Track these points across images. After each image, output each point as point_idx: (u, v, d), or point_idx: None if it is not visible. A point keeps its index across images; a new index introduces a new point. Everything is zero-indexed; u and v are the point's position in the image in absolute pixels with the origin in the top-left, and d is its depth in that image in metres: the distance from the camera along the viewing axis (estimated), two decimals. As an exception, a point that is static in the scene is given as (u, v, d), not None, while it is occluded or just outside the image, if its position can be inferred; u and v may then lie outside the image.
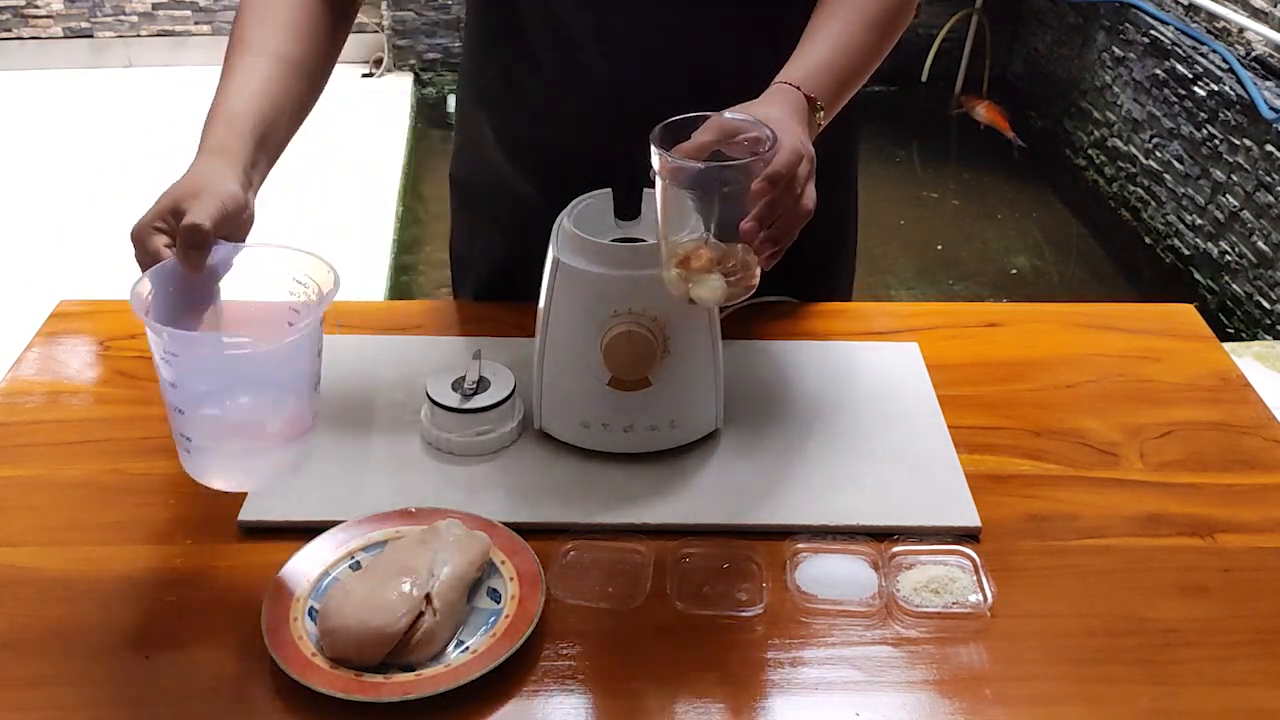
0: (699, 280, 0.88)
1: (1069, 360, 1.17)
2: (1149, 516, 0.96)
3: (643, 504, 0.95)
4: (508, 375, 1.03)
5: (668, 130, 0.87)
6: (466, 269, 1.33)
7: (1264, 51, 3.28)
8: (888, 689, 0.80)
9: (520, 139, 1.18)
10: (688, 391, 0.98)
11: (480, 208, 1.27)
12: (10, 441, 1.03)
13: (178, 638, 0.83)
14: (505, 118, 1.19)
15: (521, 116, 1.17)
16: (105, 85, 4.73)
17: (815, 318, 1.22)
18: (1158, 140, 3.70)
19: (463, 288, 1.34)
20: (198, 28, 4.91)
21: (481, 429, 0.99)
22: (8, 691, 0.79)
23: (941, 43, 4.66)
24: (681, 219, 0.89)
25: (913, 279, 3.63)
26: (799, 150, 0.86)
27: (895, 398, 1.08)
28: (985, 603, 0.86)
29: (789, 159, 0.85)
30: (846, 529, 0.92)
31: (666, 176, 0.86)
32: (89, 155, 4.12)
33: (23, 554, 0.90)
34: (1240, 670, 0.82)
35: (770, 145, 0.85)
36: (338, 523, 0.90)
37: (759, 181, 0.84)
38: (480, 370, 1.03)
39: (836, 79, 0.98)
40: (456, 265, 1.35)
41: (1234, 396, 1.12)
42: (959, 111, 4.65)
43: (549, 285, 0.96)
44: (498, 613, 0.83)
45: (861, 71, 1.02)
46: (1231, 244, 3.30)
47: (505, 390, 1.01)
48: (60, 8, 4.81)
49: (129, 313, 0.77)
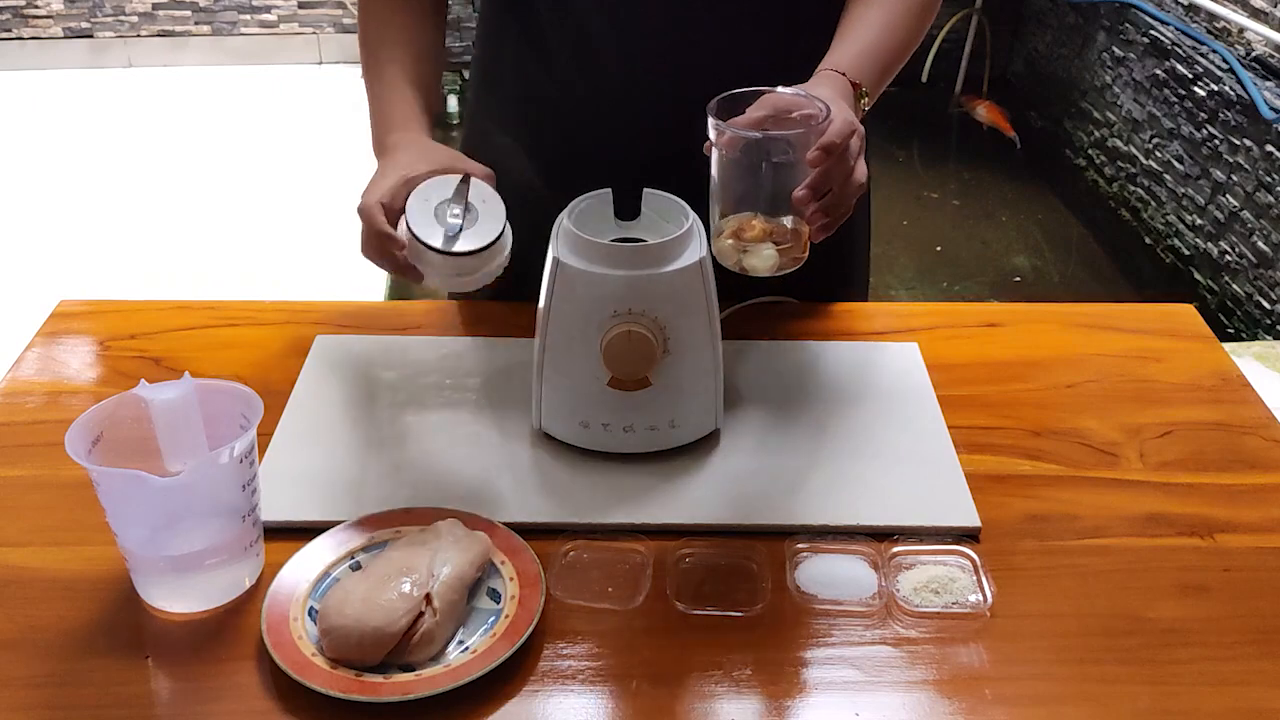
0: (752, 250, 0.90)
1: (1069, 360, 1.17)
2: (1149, 516, 0.96)
3: (643, 504, 0.95)
4: (498, 205, 0.95)
5: (724, 103, 0.90)
6: None
7: (1264, 51, 3.28)
8: (888, 689, 0.80)
9: (531, 133, 1.18)
10: (687, 391, 0.98)
11: None
12: (10, 441, 1.03)
13: (178, 638, 0.83)
14: (516, 111, 1.19)
15: (532, 110, 1.17)
16: (105, 85, 4.73)
17: (815, 318, 1.22)
18: (1158, 140, 3.70)
19: None
20: (198, 28, 4.90)
21: (462, 272, 0.94)
22: (8, 691, 0.79)
23: (941, 43, 4.66)
24: (735, 191, 0.91)
25: (913, 279, 3.63)
26: (852, 123, 0.89)
27: (895, 398, 1.08)
28: (985, 603, 0.86)
29: (843, 128, 0.88)
30: (846, 529, 0.92)
31: (723, 148, 0.89)
32: (89, 155, 4.12)
33: (23, 554, 0.90)
34: (1240, 670, 0.82)
35: (824, 117, 0.88)
36: (338, 523, 0.90)
37: (814, 151, 0.86)
38: (468, 197, 0.95)
39: (879, 65, 1.01)
40: None
41: (1234, 396, 1.12)
42: (959, 111, 4.65)
43: (549, 285, 0.96)
44: (498, 613, 0.83)
45: (901, 56, 1.05)
46: (1231, 244, 3.30)
47: (494, 229, 0.93)
48: (60, 8, 4.81)
49: (129, 312, 0.77)
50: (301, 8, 4.94)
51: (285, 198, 3.84)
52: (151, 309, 1.22)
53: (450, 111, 4.80)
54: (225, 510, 0.83)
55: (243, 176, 3.99)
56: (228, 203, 3.81)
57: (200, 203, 3.81)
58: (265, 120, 4.46)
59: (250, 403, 0.84)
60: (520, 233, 1.24)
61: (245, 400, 0.84)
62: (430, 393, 1.07)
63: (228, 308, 1.22)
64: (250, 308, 1.22)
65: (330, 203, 3.76)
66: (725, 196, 0.92)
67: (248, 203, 3.81)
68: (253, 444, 0.83)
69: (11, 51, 4.82)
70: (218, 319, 1.20)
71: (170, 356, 1.14)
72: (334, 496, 0.95)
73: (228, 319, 1.20)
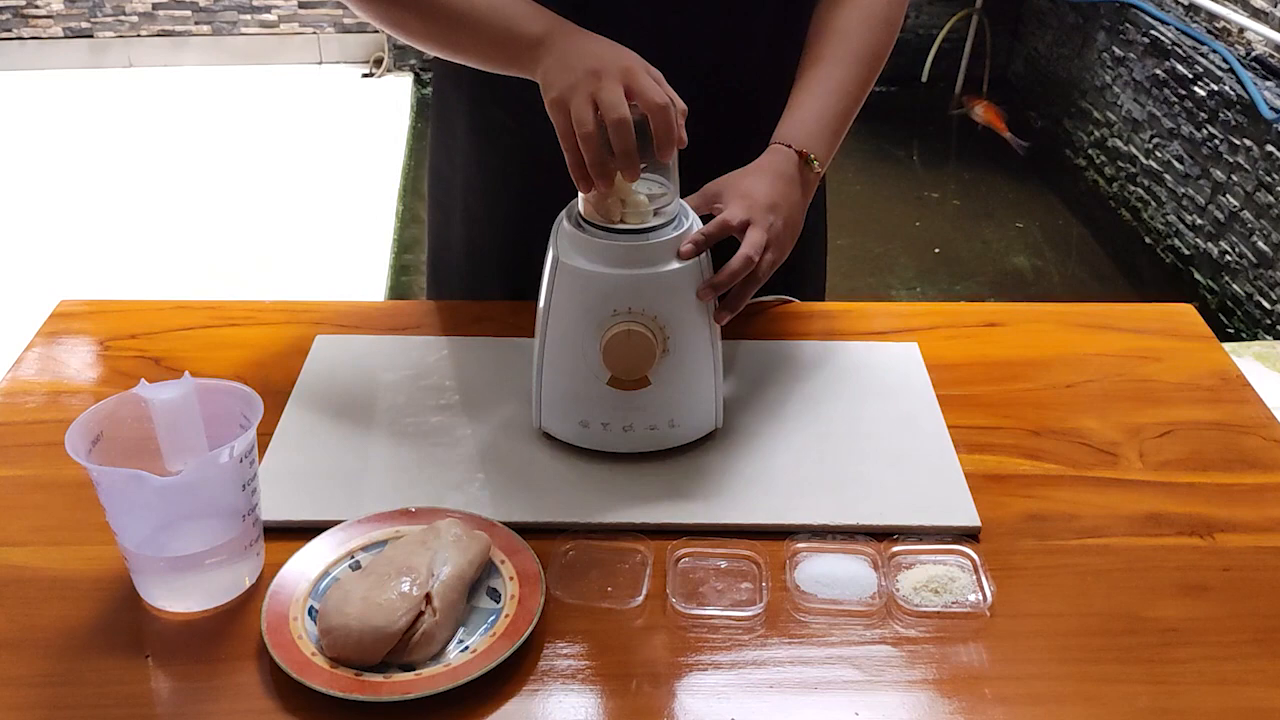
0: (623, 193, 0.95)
1: (1069, 360, 1.17)
2: (1148, 516, 0.96)
3: (642, 504, 0.95)
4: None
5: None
6: (441, 267, 1.34)
7: (1264, 51, 3.28)
8: (887, 688, 0.80)
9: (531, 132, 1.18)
10: (687, 391, 0.98)
11: (448, 203, 1.29)
12: (10, 441, 1.03)
13: (178, 638, 0.83)
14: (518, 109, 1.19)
15: (496, 109, 1.18)
16: (105, 85, 4.74)
17: (815, 318, 1.22)
18: (1158, 140, 3.70)
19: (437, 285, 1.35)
20: (198, 28, 4.91)
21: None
22: (8, 691, 0.79)
23: (941, 43, 4.66)
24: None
25: (913, 279, 3.63)
26: (750, 253, 0.96)
27: (895, 398, 1.08)
28: (985, 602, 0.86)
29: (735, 267, 0.96)
30: (846, 529, 0.92)
31: None
32: (89, 155, 4.12)
33: (23, 554, 0.90)
34: (1240, 670, 0.82)
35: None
36: (338, 523, 0.90)
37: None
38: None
39: (830, 125, 1.08)
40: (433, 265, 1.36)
41: (1234, 396, 1.12)
42: (959, 111, 4.65)
43: (549, 285, 0.96)
44: (497, 612, 0.83)
45: (854, 108, 1.11)
46: (1231, 244, 3.30)
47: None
48: (60, 8, 4.81)
49: (129, 312, 0.77)
50: (301, 8, 4.94)
51: (285, 198, 3.84)
52: (151, 309, 1.22)
53: (450, 111, 4.79)
54: (225, 510, 0.83)
55: (243, 177, 3.99)
56: (228, 203, 3.82)
57: (200, 203, 3.81)
58: (265, 120, 4.46)
59: (250, 403, 0.84)
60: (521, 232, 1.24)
61: (245, 400, 0.84)
62: (430, 392, 1.07)
63: (228, 308, 1.22)
64: (250, 308, 1.22)
65: (330, 203, 3.77)
66: None
67: (248, 203, 3.81)
68: (253, 444, 0.83)
69: (11, 51, 4.82)
70: (218, 319, 1.20)
71: (170, 356, 1.14)
72: (334, 496, 0.95)
73: (228, 319, 1.20)
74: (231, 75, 4.85)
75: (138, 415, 0.85)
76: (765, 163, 1.04)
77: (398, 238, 3.62)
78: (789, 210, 1.02)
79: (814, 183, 1.07)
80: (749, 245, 0.97)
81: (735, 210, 0.99)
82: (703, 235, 0.96)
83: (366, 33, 4.93)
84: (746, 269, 0.96)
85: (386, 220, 3.66)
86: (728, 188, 1.02)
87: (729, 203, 1.00)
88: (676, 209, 0.97)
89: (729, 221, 0.98)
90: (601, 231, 0.95)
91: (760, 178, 1.02)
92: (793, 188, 1.03)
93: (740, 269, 0.96)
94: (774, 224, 1.00)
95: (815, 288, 1.36)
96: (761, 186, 1.02)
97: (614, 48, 0.95)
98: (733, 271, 0.96)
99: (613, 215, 0.95)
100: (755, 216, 0.99)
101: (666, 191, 0.96)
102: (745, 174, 1.03)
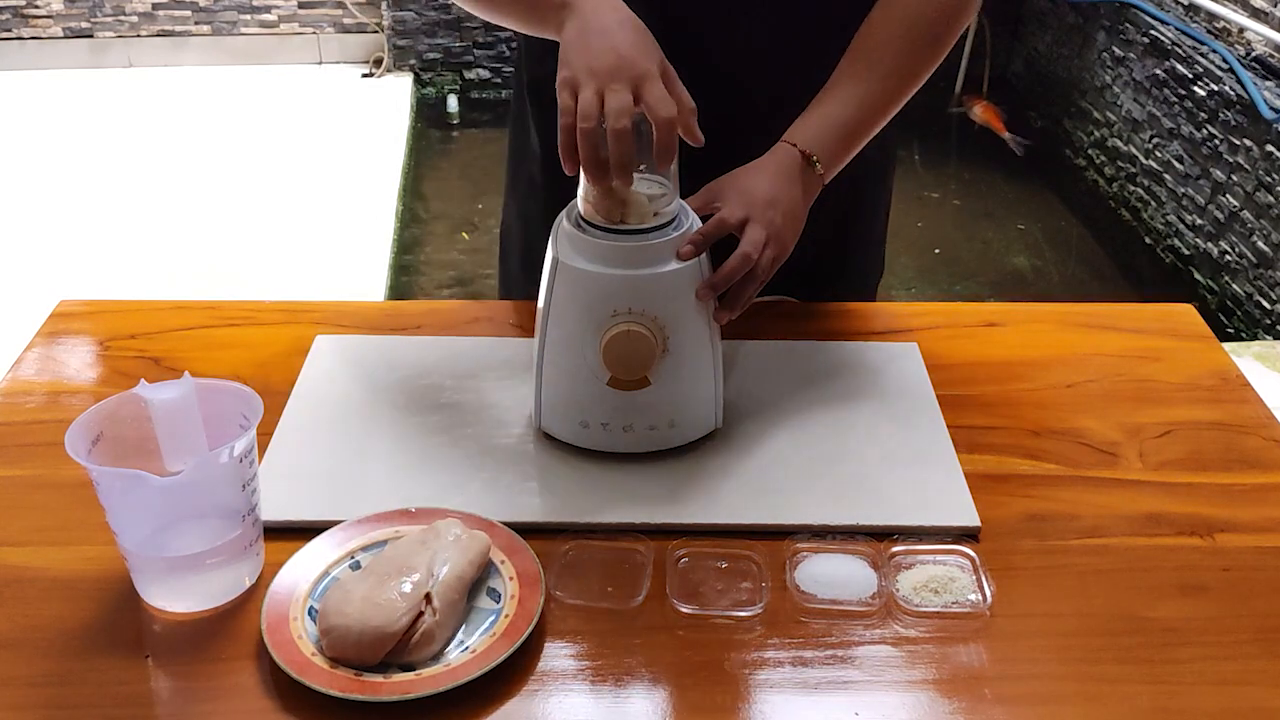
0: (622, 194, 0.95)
1: (1069, 360, 1.17)
2: (1148, 516, 0.96)
3: (642, 504, 0.95)
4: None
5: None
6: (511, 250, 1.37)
7: (1264, 51, 3.28)
8: (887, 688, 0.80)
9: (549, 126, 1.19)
10: (687, 391, 0.98)
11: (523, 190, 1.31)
12: (10, 441, 1.03)
13: (177, 638, 0.83)
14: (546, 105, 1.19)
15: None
16: (105, 85, 4.74)
17: (815, 318, 1.22)
18: (1158, 140, 3.70)
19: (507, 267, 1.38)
20: (198, 28, 4.91)
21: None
22: (8, 691, 0.79)
23: (941, 43, 4.65)
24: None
25: (913, 279, 3.63)
26: (749, 250, 0.96)
27: (895, 398, 1.08)
28: (984, 602, 0.86)
29: (733, 265, 0.96)
30: (846, 529, 0.92)
31: None
32: (89, 155, 4.12)
33: (23, 554, 0.90)
34: (1240, 670, 0.82)
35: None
36: (338, 523, 0.90)
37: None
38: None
39: (842, 133, 1.07)
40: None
41: (1234, 396, 1.12)
42: (959, 111, 4.65)
43: (548, 285, 0.96)
44: (497, 612, 0.83)
45: (875, 121, 1.10)
46: (1231, 244, 3.30)
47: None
48: (60, 8, 4.81)
49: (129, 312, 0.77)
50: (301, 8, 4.94)
51: (285, 198, 3.84)
52: (151, 309, 1.22)
53: (450, 111, 4.80)
54: (225, 510, 0.83)
55: (243, 177, 3.99)
56: (228, 203, 3.82)
57: (200, 203, 3.81)
58: (265, 120, 4.46)
59: (250, 403, 0.84)
60: (521, 231, 1.24)
61: (245, 400, 0.84)
62: (430, 393, 1.07)
63: (228, 308, 1.22)
64: (250, 308, 1.22)
65: (330, 203, 3.77)
66: None
67: (248, 203, 3.82)
68: (253, 444, 0.83)
69: (11, 51, 4.82)
70: (218, 319, 1.20)
71: (170, 356, 1.14)
72: (334, 496, 0.95)
73: (228, 319, 1.20)
74: (231, 75, 4.85)
75: (138, 415, 0.85)
76: (767, 160, 1.04)
77: (398, 238, 3.63)
78: (789, 206, 1.02)
79: (816, 185, 1.06)
80: (747, 243, 0.97)
81: (733, 208, 0.99)
82: (701, 235, 0.96)
83: (366, 33, 4.93)
84: (745, 267, 0.96)
85: (386, 220, 3.66)
86: (726, 186, 1.02)
87: (727, 201, 1.00)
88: (677, 209, 0.97)
89: (727, 220, 0.98)
90: (601, 232, 0.95)
91: (760, 174, 1.02)
92: (793, 185, 1.03)
93: (738, 267, 0.96)
94: (773, 220, 1.00)
95: (870, 284, 1.35)
96: (760, 183, 1.01)
97: (636, 44, 0.93)
98: (731, 270, 0.96)
99: (613, 216, 0.95)
100: (754, 214, 0.99)
101: (666, 192, 0.96)
102: (745, 171, 1.03)
